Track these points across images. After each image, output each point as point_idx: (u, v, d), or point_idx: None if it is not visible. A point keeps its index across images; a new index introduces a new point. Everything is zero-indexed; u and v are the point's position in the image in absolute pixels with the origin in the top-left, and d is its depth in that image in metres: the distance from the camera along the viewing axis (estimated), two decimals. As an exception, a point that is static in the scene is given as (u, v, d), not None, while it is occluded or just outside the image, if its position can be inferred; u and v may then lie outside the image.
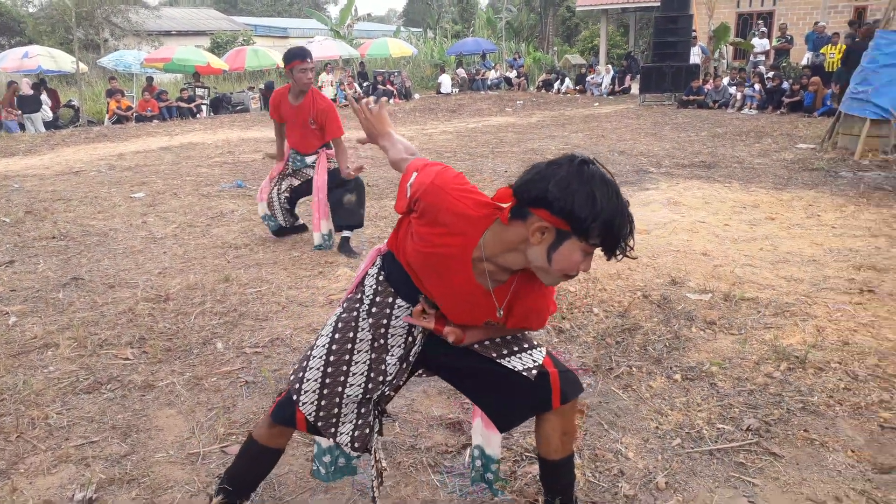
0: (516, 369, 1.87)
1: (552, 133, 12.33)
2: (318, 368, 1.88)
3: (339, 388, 1.89)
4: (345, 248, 5.07)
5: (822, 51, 15.45)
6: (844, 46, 14.82)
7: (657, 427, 2.69)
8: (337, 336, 1.89)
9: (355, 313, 1.89)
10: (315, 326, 3.76)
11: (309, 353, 1.93)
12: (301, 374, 1.90)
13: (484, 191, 1.65)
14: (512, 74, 24.50)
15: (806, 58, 16.87)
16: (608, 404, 2.88)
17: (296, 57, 4.74)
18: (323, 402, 1.89)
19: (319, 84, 19.45)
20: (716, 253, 4.86)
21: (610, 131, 12.18)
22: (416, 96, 22.37)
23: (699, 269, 4.49)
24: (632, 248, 1.51)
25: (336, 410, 1.91)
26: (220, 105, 18.88)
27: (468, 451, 2.21)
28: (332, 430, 1.92)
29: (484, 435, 2.10)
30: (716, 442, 2.57)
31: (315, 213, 5.07)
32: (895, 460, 2.43)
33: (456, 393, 2.97)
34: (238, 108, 19.04)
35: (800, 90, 14.10)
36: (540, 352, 1.91)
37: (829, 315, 3.71)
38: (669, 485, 2.33)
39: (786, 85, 14.65)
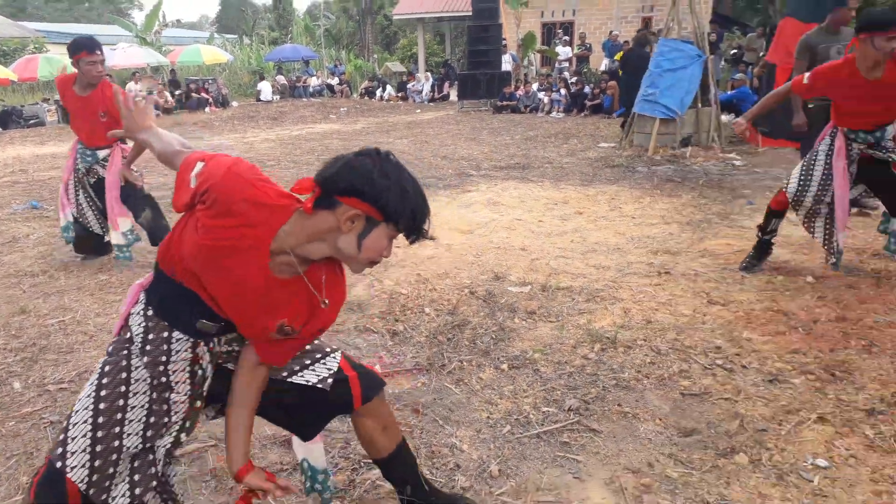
0: (310, 383, 1.84)
1: (378, 139, 12.41)
2: (86, 422, 1.61)
3: (116, 442, 1.63)
4: None
5: (616, 57, 16.94)
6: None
7: (488, 417, 2.80)
8: (105, 381, 1.65)
9: (125, 352, 1.69)
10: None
11: (70, 411, 1.67)
12: (64, 436, 1.61)
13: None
14: (334, 82, 24.38)
15: (604, 64, 18.41)
16: (442, 400, 2.95)
17: (82, 48, 4.33)
18: (97, 463, 1.60)
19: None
20: (533, 247, 5.15)
21: (433, 137, 12.50)
22: (235, 104, 21.55)
23: (519, 264, 4.74)
24: (428, 231, 1.59)
25: (112, 470, 1.63)
26: (8, 119, 16.95)
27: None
28: (105, 495, 1.62)
29: (306, 448, 2.06)
30: (542, 425, 2.72)
31: (110, 212, 4.67)
32: (695, 423, 2.72)
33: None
34: (32, 121, 17.20)
35: (599, 94, 15.35)
36: (334, 358, 1.89)
37: (633, 297, 4.07)
38: (502, 471, 2.42)
39: (587, 89, 15.89)
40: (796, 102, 5.53)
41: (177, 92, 20.88)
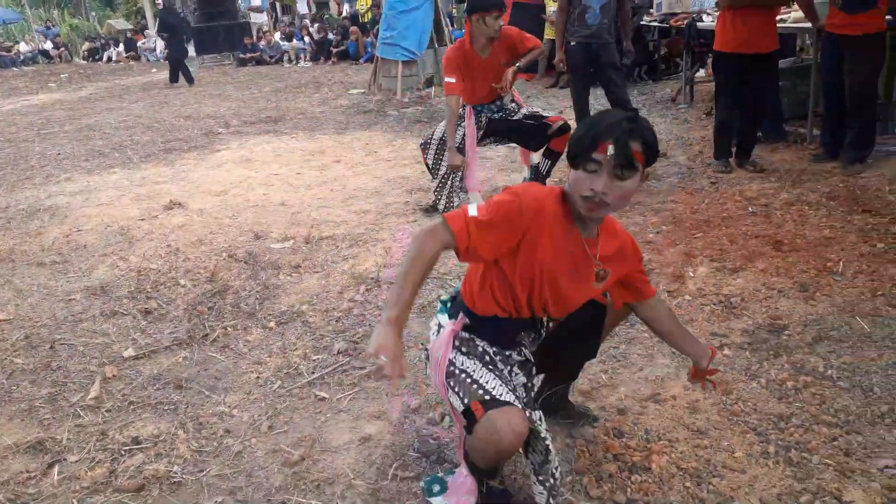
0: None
1: (110, 105, 11.26)
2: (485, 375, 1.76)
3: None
4: None
5: (357, 6, 16.93)
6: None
7: (258, 377, 2.75)
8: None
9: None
10: None
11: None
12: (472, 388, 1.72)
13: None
14: (48, 46, 21.43)
15: (345, 9, 18.28)
16: (207, 370, 2.83)
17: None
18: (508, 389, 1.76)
19: None
20: (292, 201, 5.07)
21: (173, 97, 11.61)
22: (-80, 81, 18.07)
23: (279, 220, 4.64)
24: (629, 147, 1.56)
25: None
26: None
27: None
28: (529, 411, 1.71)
29: None
30: (312, 373, 2.74)
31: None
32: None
33: (35, 410, 2.60)
34: None
35: (342, 40, 15.26)
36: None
37: (393, 236, 4.20)
38: (273, 427, 2.40)
39: (331, 36, 15.70)
40: (558, 40, 5.25)
41: None
